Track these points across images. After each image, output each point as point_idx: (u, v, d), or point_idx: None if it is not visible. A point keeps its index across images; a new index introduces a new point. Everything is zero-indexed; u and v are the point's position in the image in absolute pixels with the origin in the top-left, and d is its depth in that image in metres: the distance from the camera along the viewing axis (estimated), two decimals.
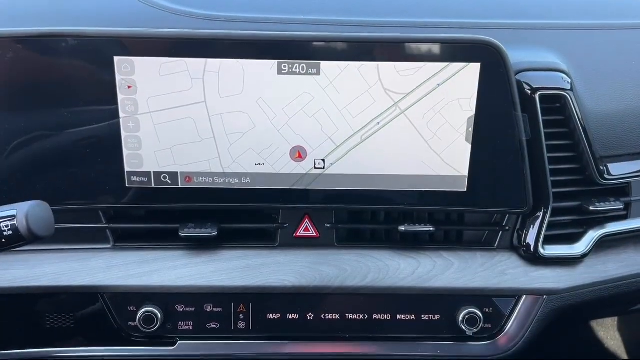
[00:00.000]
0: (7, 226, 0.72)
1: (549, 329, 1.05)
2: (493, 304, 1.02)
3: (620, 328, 2.25)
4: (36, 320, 0.99)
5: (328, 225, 1.03)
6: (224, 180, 0.95)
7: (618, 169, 1.03)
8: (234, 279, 0.99)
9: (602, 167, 1.02)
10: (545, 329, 1.04)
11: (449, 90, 0.92)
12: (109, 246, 1.01)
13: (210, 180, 0.95)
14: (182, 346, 1.01)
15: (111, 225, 1.00)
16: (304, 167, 0.96)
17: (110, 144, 0.92)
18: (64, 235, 0.99)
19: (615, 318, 2.26)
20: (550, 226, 1.02)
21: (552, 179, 0.99)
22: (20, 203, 0.73)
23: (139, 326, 0.98)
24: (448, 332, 1.03)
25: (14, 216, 0.73)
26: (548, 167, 0.98)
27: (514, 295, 1.02)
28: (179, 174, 0.95)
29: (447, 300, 1.02)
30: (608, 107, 1.03)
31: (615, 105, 1.04)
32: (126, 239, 1.02)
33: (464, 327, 1.01)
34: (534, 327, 1.02)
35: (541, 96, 0.96)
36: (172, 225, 1.00)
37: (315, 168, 0.96)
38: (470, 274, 1.01)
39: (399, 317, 1.03)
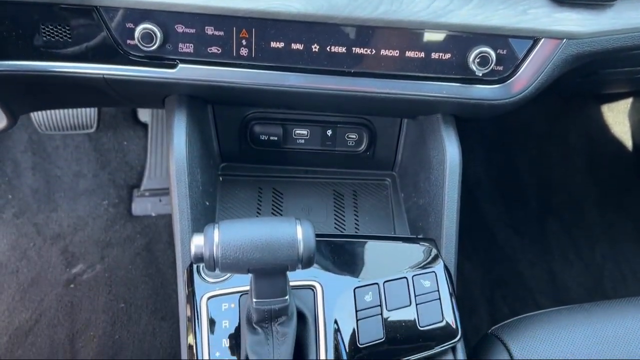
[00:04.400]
0: None
1: (560, 78, 1.01)
2: (508, 45, 0.96)
3: (631, 114, 2.24)
4: (31, 30, 0.95)
5: None
6: None
7: None
8: (236, 1, 0.93)
9: None
10: (556, 77, 1.00)
11: None
12: None
13: None
14: (183, 69, 0.99)
15: None
16: None
17: None
18: None
19: (628, 104, 2.24)
20: None
21: None
22: None
23: (138, 44, 0.95)
24: (457, 73, 0.99)
25: None
26: None
27: (532, 37, 0.96)
28: None
29: (460, 39, 0.96)
30: None
31: None
32: None
33: (474, 68, 0.96)
34: (547, 73, 0.98)
35: None
36: None
37: None
38: (489, 10, 0.94)
39: (408, 54, 0.98)
